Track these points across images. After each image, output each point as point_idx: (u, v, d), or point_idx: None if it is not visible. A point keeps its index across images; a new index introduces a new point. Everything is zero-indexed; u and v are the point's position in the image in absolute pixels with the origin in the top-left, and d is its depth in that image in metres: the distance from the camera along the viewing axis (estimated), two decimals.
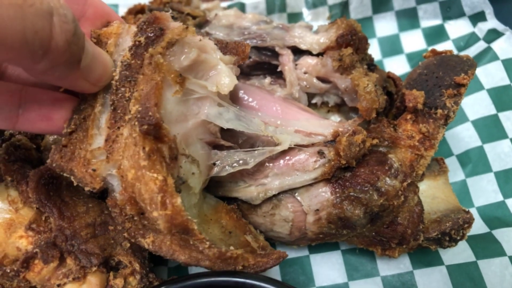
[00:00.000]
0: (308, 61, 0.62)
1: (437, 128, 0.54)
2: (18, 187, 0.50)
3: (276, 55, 0.65)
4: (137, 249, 0.52)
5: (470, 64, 0.57)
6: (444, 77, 0.57)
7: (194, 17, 0.71)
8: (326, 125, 0.57)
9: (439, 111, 0.55)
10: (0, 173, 0.52)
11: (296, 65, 0.63)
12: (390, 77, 0.63)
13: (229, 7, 0.88)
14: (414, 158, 0.54)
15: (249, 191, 0.56)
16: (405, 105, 0.56)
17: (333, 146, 0.53)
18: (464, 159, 0.70)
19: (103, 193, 0.58)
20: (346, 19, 0.62)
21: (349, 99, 0.59)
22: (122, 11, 0.87)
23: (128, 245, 0.51)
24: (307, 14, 0.91)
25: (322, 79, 0.61)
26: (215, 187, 0.57)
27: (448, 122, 0.55)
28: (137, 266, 0.50)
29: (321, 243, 0.59)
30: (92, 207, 0.52)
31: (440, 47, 0.84)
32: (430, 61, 0.59)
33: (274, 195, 0.56)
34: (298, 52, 0.65)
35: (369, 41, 0.87)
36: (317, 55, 0.63)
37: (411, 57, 0.86)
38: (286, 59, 0.64)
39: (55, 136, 0.59)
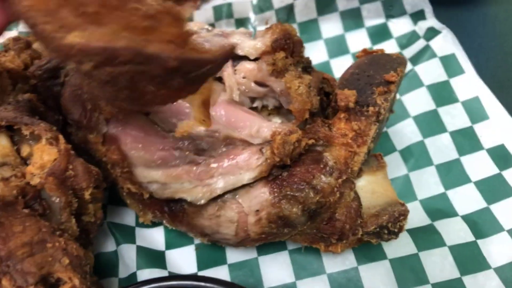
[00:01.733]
0: (246, 66, 0.63)
1: (369, 125, 0.56)
2: None
3: None
4: (76, 264, 0.51)
5: (399, 62, 0.59)
6: (374, 75, 0.58)
7: None
8: (268, 126, 0.58)
9: (371, 108, 0.56)
10: None
11: (235, 70, 0.64)
12: (325, 78, 0.64)
13: None
14: (349, 155, 0.55)
15: (195, 191, 0.57)
16: (338, 105, 0.57)
17: (270, 144, 0.54)
18: (407, 154, 0.72)
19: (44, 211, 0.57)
20: (281, 24, 0.63)
21: (285, 101, 0.60)
22: None
23: (67, 261, 0.50)
24: (254, 19, 0.91)
25: (259, 83, 0.62)
26: (161, 188, 0.58)
27: (380, 118, 0.57)
28: (76, 282, 0.50)
29: (267, 243, 0.59)
30: (29, 226, 0.51)
31: (384, 45, 0.87)
32: (361, 61, 0.61)
33: (220, 196, 0.57)
34: (237, 58, 0.65)
35: (316, 42, 0.90)
36: (255, 60, 0.63)
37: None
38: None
39: None
